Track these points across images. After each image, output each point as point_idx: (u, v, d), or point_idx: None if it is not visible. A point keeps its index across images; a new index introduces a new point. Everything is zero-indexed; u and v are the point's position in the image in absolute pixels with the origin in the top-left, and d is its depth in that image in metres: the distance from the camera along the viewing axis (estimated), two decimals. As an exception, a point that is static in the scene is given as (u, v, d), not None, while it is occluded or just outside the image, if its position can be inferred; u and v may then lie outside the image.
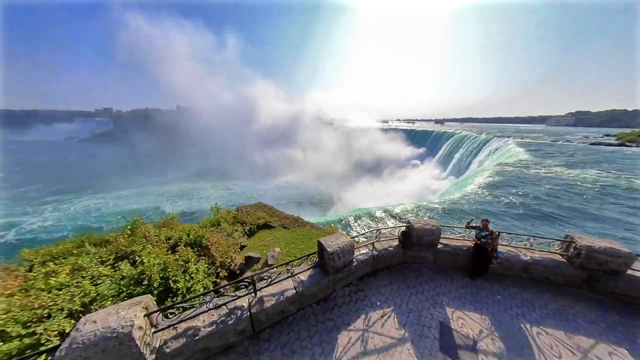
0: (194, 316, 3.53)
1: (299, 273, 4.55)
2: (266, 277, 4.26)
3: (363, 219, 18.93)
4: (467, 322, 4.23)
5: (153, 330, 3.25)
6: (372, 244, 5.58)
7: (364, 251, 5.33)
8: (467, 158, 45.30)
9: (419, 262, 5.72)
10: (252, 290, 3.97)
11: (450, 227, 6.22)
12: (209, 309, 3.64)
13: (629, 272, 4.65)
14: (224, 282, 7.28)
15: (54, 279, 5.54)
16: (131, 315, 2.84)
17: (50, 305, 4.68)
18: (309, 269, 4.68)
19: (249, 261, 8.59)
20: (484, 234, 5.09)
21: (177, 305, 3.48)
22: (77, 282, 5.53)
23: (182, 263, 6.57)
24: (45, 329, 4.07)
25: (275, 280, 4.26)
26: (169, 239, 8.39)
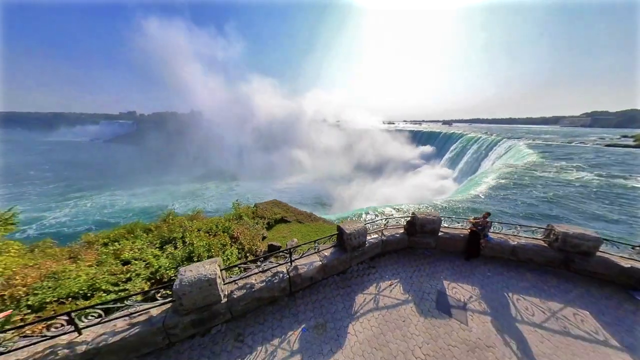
0: (248, 276, 4.72)
1: (323, 250, 5.69)
2: (299, 252, 5.41)
3: (370, 216, 19.88)
4: (460, 291, 5.22)
5: (222, 282, 4.46)
6: (381, 230, 6.65)
7: (375, 236, 6.40)
8: (476, 160, 45.18)
9: (422, 246, 6.72)
10: (288, 261, 5.14)
11: (450, 217, 7.18)
12: (259, 272, 4.83)
13: (599, 253, 5.51)
14: (264, 253, 8.49)
15: (127, 253, 7.02)
16: (213, 268, 4.05)
17: (129, 272, 6.07)
18: (330, 247, 5.80)
19: (271, 249, 9.80)
20: (480, 224, 6.07)
21: (239, 265, 4.70)
22: (142, 258, 6.96)
23: (220, 246, 7.87)
24: (128, 288, 5.43)
25: (306, 254, 5.41)
26: (199, 229, 9.77)
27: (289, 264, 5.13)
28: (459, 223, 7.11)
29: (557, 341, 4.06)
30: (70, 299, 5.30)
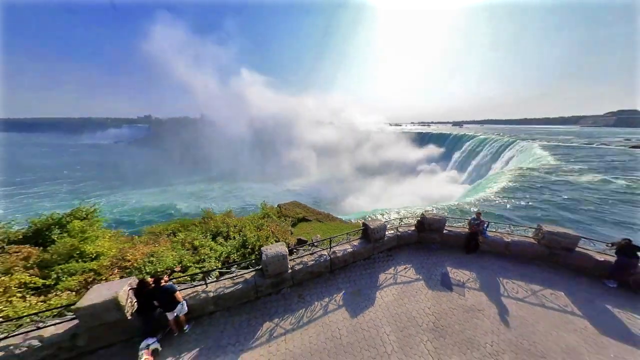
0: (303, 256, 6.52)
1: (353, 240, 7.38)
2: (335, 241, 7.15)
3: (382, 217, 21.21)
4: (460, 275, 6.67)
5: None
6: (396, 228, 8.22)
7: (391, 232, 7.98)
8: (487, 162, 44.67)
9: (430, 242, 8.19)
10: (328, 247, 6.88)
11: (453, 218, 8.55)
12: (309, 254, 6.62)
13: (580, 249, 6.72)
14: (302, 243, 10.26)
15: (197, 242, 9.06)
16: (284, 248, 5.87)
17: (200, 255, 8.03)
18: (357, 239, 7.48)
19: (300, 242, 11.61)
20: (477, 221, 7.47)
21: (298, 248, 6.50)
22: (205, 245, 8.96)
23: (264, 239, 9.78)
24: (205, 266, 7.39)
25: (340, 243, 7.13)
26: (235, 225, 11.80)
27: (329, 249, 6.87)
28: (461, 223, 8.47)
29: (532, 309, 5.43)
30: (168, 270, 7.36)
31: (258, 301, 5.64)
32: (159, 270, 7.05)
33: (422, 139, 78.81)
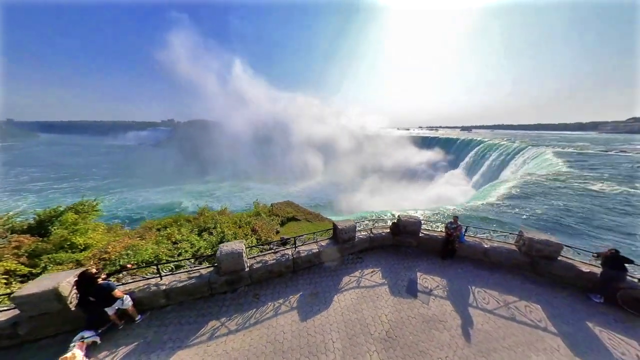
0: (264, 254, 6.26)
1: (321, 240, 7.03)
2: (302, 240, 6.83)
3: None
4: (429, 281, 6.12)
5: (247, 257, 6.05)
6: (370, 229, 7.76)
7: (364, 233, 7.54)
8: (496, 168, 42.33)
9: (405, 245, 7.66)
10: (293, 246, 6.58)
11: (432, 222, 7.97)
12: (271, 252, 6.35)
13: (564, 259, 5.97)
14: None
15: (178, 236, 9.06)
16: (241, 246, 5.65)
17: (178, 249, 8.01)
18: (327, 239, 7.11)
19: (283, 241, 11.38)
20: (453, 226, 6.88)
21: (256, 246, 6.26)
22: (186, 240, 8.94)
23: (243, 235, 9.65)
24: (181, 260, 7.31)
25: (307, 243, 6.81)
26: (226, 222, 11.75)
27: (294, 249, 6.57)
28: (439, 229, 7.86)
29: (500, 322, 4.82)
30: (143, 263, 7.35)
31: (212, 298, 5.43)
32: (131, 262, 7.05)
33: (429, 144, 76.61)
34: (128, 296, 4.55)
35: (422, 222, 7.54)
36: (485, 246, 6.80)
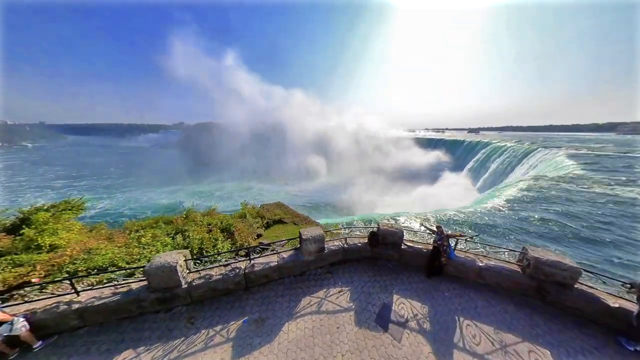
0: (210, 268, 5.25)
1: (284, 252, 5.93)
2: (259, 251, 5.77)
3: (374, 223, 19.15)
4: (407, 307, 4.86)
5: (187, 271, 5.06)
6: (345, 238, 6.58)
7: (337, 243, 6.37)
8: (504, 171, 39.56)
9: (385, 258, 6.41)
10: (248, 259, 5.53)
11: (415, 232, 6.67)
12: (220, 265, 5.32)
13: (581, 286, 4.53)
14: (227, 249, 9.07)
15: (144, 239, 8.25)
16: (177, 258, 4.67)
17: (140, 254, 7.17)
18: (291, 250, 6.00)
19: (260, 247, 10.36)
20: (441, 236, 5.57)
21: (201, 258, 5.27)
22: (153, 244, 8.12)
23: (213, 240, 8.70)
24: (137, 267, 6.45)
25: (265, 254, 5.73)
26: (210, 224, 10.89)
27: (249, 261, 5.52)
28: (426, 239, 6.53)
29: (493, 376, 3.52)
30: (95, 270, 6.57)
31: (140, 318, 4.47)
32: (79, 269, 6.27)
33: (434, 146, 73.76)
34: (21, 318, 3.66)
35: (417, 229, 6.26)
36: (480, 264, 5.44)
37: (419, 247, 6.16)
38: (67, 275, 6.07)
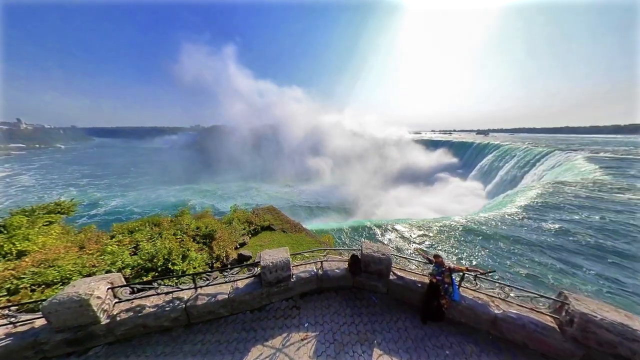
0: (146, 297, 4.15)
1: (239, 280, 4.72)
2: (207, 278, 4.61)
3: (373, 230, 17.55)
4: (389, 371, 3.46)
5: (116, 300, 4.00)
6: (321, 262, 5.26)
7: (310, 269, 5.07)
8: (515, 175, 36.19)
9: (370, 289, 5.02)
10: (193, 287, 4.38)
11: (408, 259, 5.19)
12: (159, 293, 4.22)
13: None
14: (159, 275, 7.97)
15: (110, 247, 7.27)
16: (95, 287, 3.62)
17: (98, 265, 6.22)
18: (248, 277, 4.78)
19: (241, 258, 9.24)
20: (441, 270, 4.11)
21: (131, 285, 4.18)
22: (122, 252, 7.13)
23: (183, 251, 7.65)
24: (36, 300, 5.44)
25: (214, 283, 4.55)
26: (198, 228, 9.92)
27: (194, 289, 4.37)
28: (421, 268, 5.05)
29: None
30: (43, 286, 5.71)
31: (41, 368, 3.45)
32: (21, 286, 5.43)
33: (440, 148, 70.02)
34: None
35: (411, 252, 4.83)
36: (496, 312, 3.90)
37: (412, 278, 4.71)
38: (5, 293, 5.28)
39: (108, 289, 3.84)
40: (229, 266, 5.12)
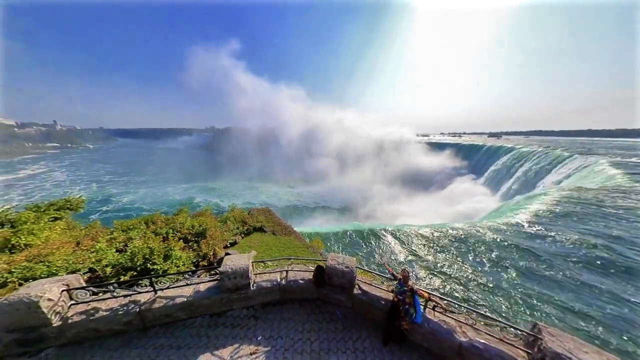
0: (103, 300, 4.11)
1: (202, 283, 4.58)
2: (168, 280, 4.51)
3: (373, 235, 16.99)
4: (334, 398, 3.13)
5: (72, 302, 3.99)
6: (286, 272, 5.01)
7: (273, 278, 4.84)
8: (530, 179, 33.53)
9: (334, 303, 4.70)
10: (152, 289, 4.29)
11: (379, 275, 4.78)
12: (115, 297, 4.16)
13: None
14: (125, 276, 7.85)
15: (99, 245, 7.40)
16: (47, 289, 3.62)
17: (83, 262, 6.29)
18: (211, 281, 4.63)
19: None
20: (403, 289, 3.73)
21: (86, 288, 4.14)
22: (109, 249, 7.20)
23: (166, 250, 7.60)
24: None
25: (177, 285, 4.44)
26: (192, 226, 9.95)
27: (154, 292, 4.28)
28: (388, 284, 4.64)
29: None
30: (31, 280, 5.84)
31: (-8, 365, 3.46)
32: (9, 280, 5.58)
33: (449, 150, 67.21)
34: None
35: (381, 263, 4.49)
36: (461, 339, 3.45)
37: (377, 294, 4.34)
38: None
39: (62, 291, 3.81)
40: (192, 268, 5.01)
